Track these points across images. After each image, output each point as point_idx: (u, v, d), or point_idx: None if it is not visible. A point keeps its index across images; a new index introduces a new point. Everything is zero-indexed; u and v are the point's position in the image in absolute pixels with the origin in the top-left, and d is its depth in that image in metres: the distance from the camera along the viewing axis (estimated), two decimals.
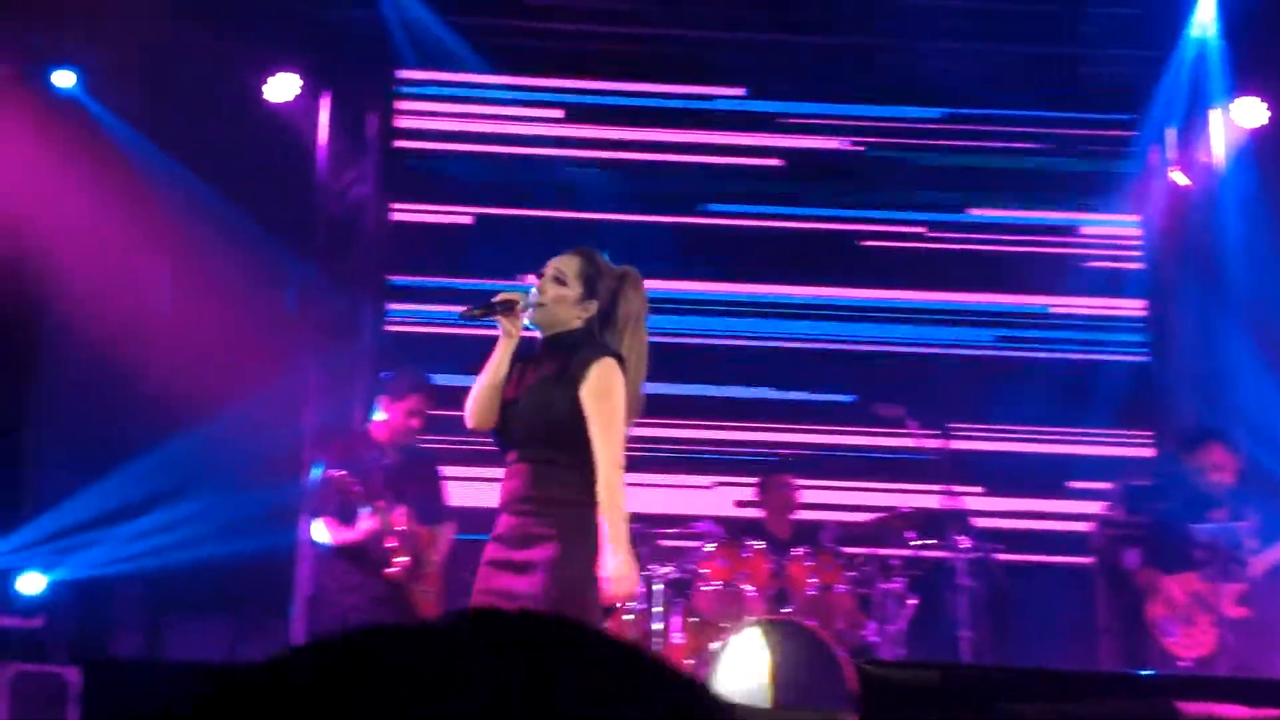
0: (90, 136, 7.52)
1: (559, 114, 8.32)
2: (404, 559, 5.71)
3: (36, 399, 7.29)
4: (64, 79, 7.55)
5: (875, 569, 6.34)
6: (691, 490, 7.87)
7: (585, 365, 3.79)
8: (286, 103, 7.82)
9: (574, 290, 3.90)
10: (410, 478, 5.92)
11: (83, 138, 7.47)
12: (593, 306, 3.92)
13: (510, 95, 8.21)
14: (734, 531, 6.84)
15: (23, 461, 7.24)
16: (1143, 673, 5.58)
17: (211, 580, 6.83)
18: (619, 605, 3.88)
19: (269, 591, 6.61)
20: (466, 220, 8.23)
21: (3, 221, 6.77)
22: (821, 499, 7.58)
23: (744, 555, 6.35)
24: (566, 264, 3.92)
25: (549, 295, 3.89)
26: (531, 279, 3.95)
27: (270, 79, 7.73)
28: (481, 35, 8.08)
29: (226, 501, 6.83)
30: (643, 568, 6.41)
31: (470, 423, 3.88)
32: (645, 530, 6.72)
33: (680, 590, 6.43)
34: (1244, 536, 5.65)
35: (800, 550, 6.38)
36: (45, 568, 6.87)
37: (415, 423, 5.94)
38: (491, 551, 3.80)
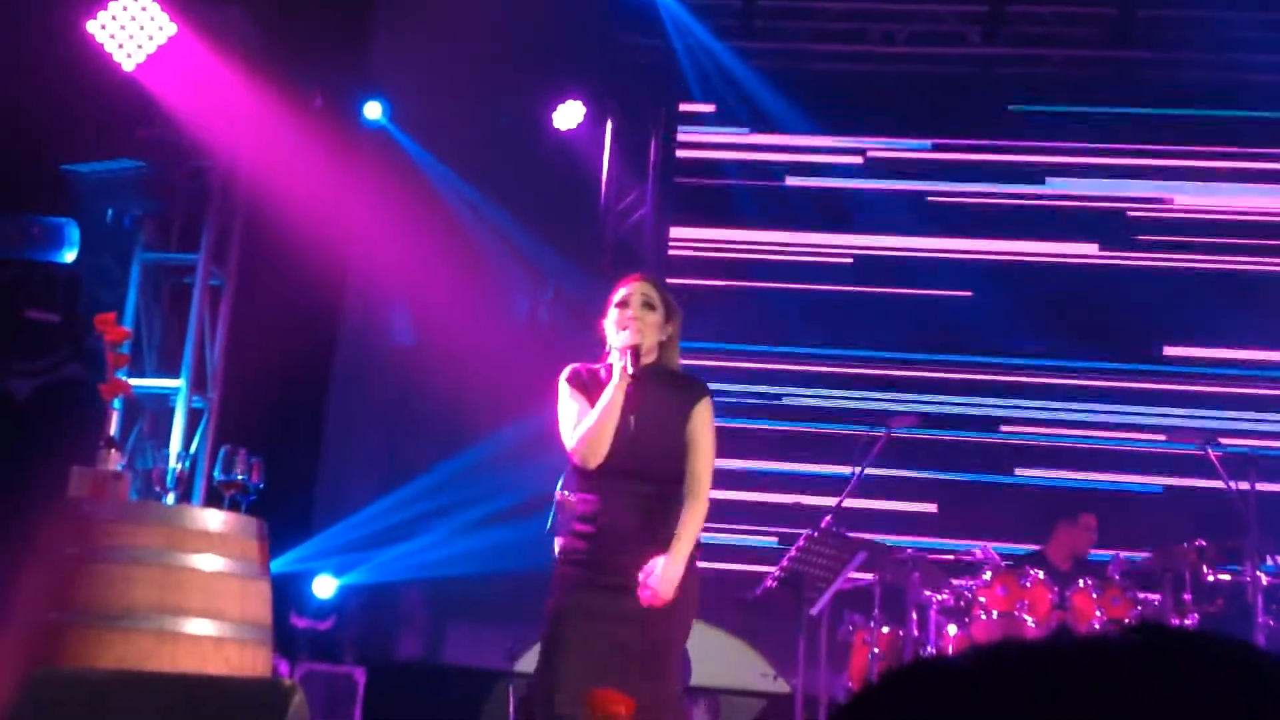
0: (396, 164, 7.99)
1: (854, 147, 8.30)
2: None
3: (333, 415, 7.75)
4: (373, 110, 8.05)
5: (1168, 604, 6.02)
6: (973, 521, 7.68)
7: (696, 400, 3.88)
8: (572, 130, 8.11)
9: (660, 314, 3.91)
10: None
11: (389, 165, 7.95)
12: (670, 329, 3.94)
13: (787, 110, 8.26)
14: (1017, 559, 6.64)
15: (319, 473, 7.69)
16: None
17: (489, 590, 7.07)
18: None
19: (544, 602, 6.80)
20: (742, 250, 8.31)
21: (312, 244, 7.26)
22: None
23: (1024, 584, 6.16)
24: (650, 289, 3.94)
25: (647, 321, 3.88)
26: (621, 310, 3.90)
27: (559, 106, 8.04)
28: (767, 59, 8.16)
29: (507, 512, 7.06)
30: (918, 594, 6.30)
31: (591, 461, 3.80)
32: (918, 555, 6.60)
33: (955, 618, 6.28)
34: None
35: (1086, 581, 6.14)
36: (337, 572, 7.23)
37: None
38: (591, 575, 3.80)
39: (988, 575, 6.21)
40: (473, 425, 7.38)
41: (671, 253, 8.45)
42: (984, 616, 6.13)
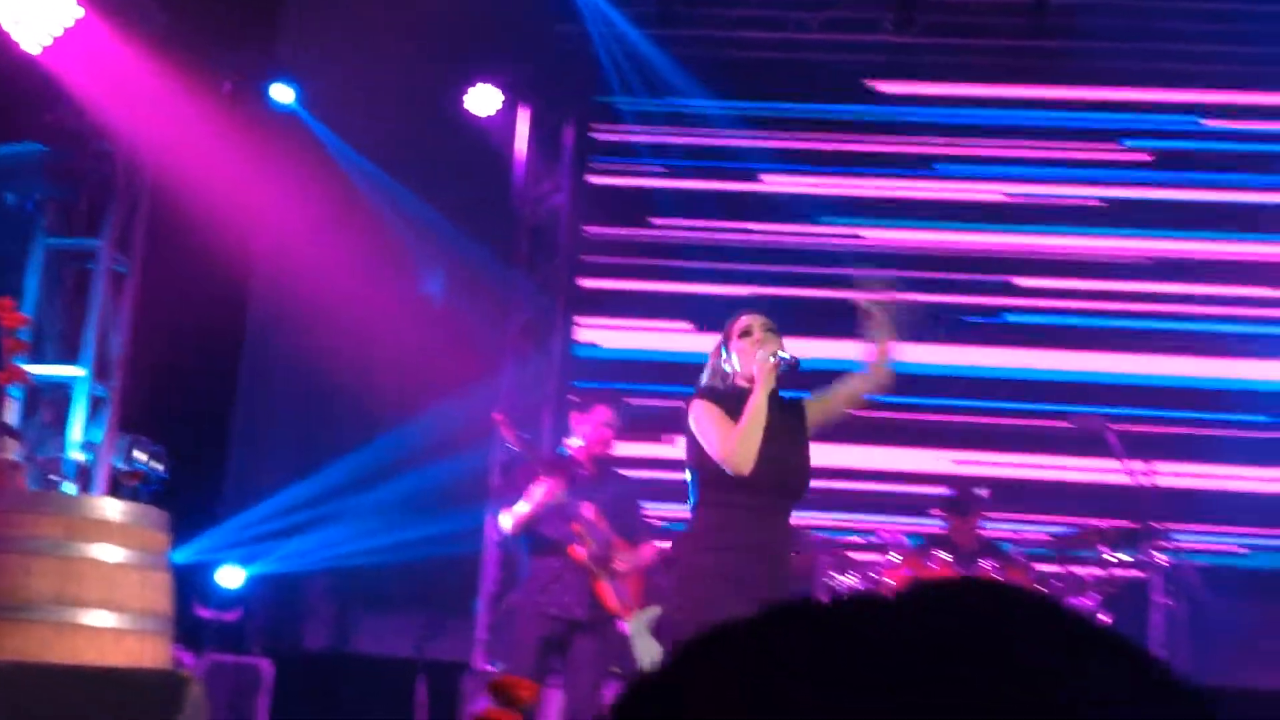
0: (305, 148, 7.91)
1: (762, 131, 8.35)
2: (586, 549, 5.78)
3: (241, 404, 7.67)
4: (283, 94, 7.94)
5: (1068, 585, 6.16)
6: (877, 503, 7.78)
7: (801, 412, 4.25)
8: (488, 116, 8.07)
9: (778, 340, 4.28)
10: (606, 489, 5.97)
11: (298, 150, 7.87)
12: None
13: (713, 111, 8.28)
14: (919, 542, 6.74)
15: (226, 462, 7.60)
16: None
17: (400, 578, 7.05)
18: None
19: (455, 590, 6.81)
20: (659, 231, 8.33)
21: (219, 229, 7.16)
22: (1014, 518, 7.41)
23: (929, 566, 6.26)
24: (766, 319, 4.32)
25: (776, 344, 4.23)
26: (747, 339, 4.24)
27: (471, 90, 7.99)
28: (684, 46, 8.17)
29: (418, 501, 7.04)
30: (825, 576, 6.39)
31: (745, 467, 4.02)
32: (829, 540, 6.69)
33: None
34: None
35: (989, 563, 6.25)
36: (244, 562, 7.16)
37: (608, 434, 6.00)
38: (746, 593, 3.90)
39: (894, 557, 6.30)
40: (384, 415, 7.34)
41: (586, 241, 8.45)
42: None
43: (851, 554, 6.58)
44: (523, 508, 5.71)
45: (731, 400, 4.17)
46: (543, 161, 8.40)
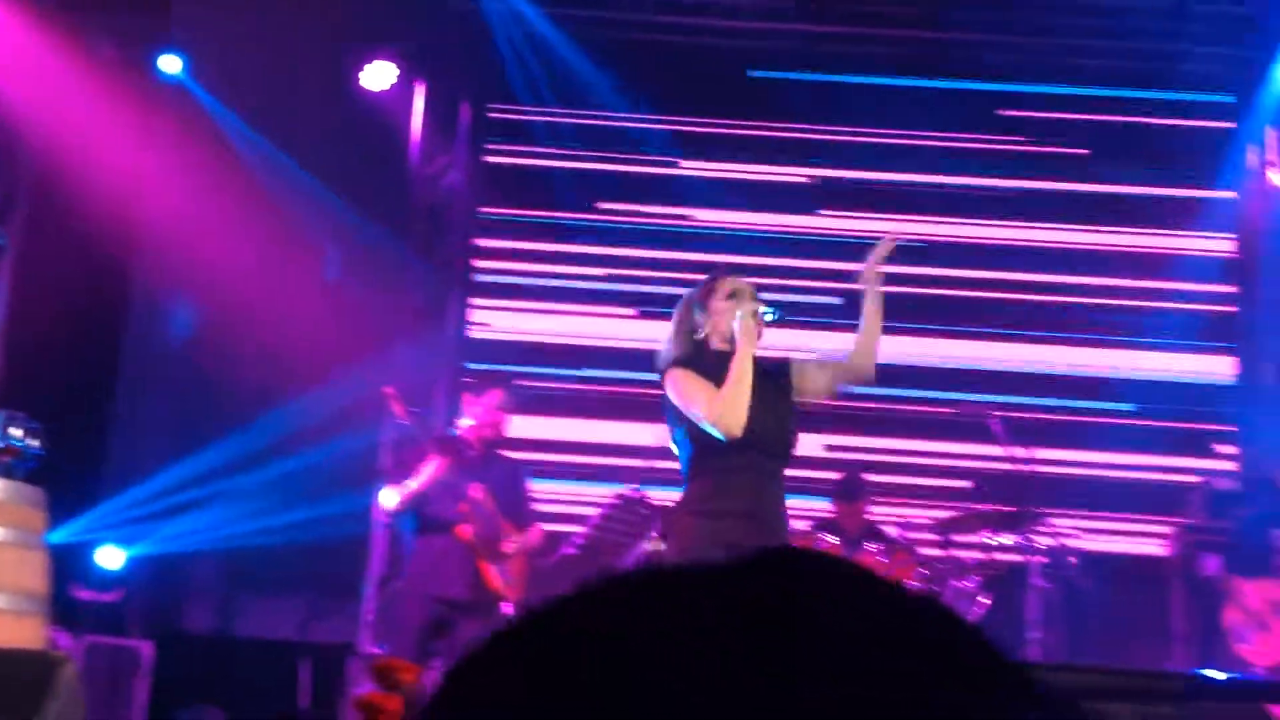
0: (193, 121, 7.74)
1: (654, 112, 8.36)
2: (474, 529, 5.75)
3: (124, 381, 7.50)
4: (170, 64, 7.76)
5: (950, 567, 6.29)
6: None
7: (788, 376, 4.19)
8: (384, 91, 7.96)
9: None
10: (493, 471, 5.95)
11: (186, 122, 7.69)
12: None
13: (610, 93, 8.27)
14: (806, 526, 6.82)
15: (106, 437, 7.43)
16: (1230, 676, 5.46)
17: (285, 560, 6.96)
18: None
19: (341, 573, 6.74)
20: (554, 213, 8.31)
21: (102, 201, 6.99)
22: (901, 501, 7.53)
23: (817, 549, 6.35)
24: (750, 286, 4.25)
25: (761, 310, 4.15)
26: (728, 300, 4.16)
27: (367, 66, 7.88)
28: (583, 26, 8.14)
29: (305, 482, 6.95)
30: None
31: (735, 428, 3.96)
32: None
33: None
34: None
35: (874, 545, 6.36)
36: (124, 542, 7.01)
37: (500, 416, 5.98)
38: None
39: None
40: (272, 393, 7.23)
41: (482, 221, 8.40)
42: None
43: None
44: (409, 485, 5.68)
45: (708, 364, 4.09)
46: (439, 140, 8.32)
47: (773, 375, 4.16)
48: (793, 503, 4.16)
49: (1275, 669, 5.73)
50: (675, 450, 4.15)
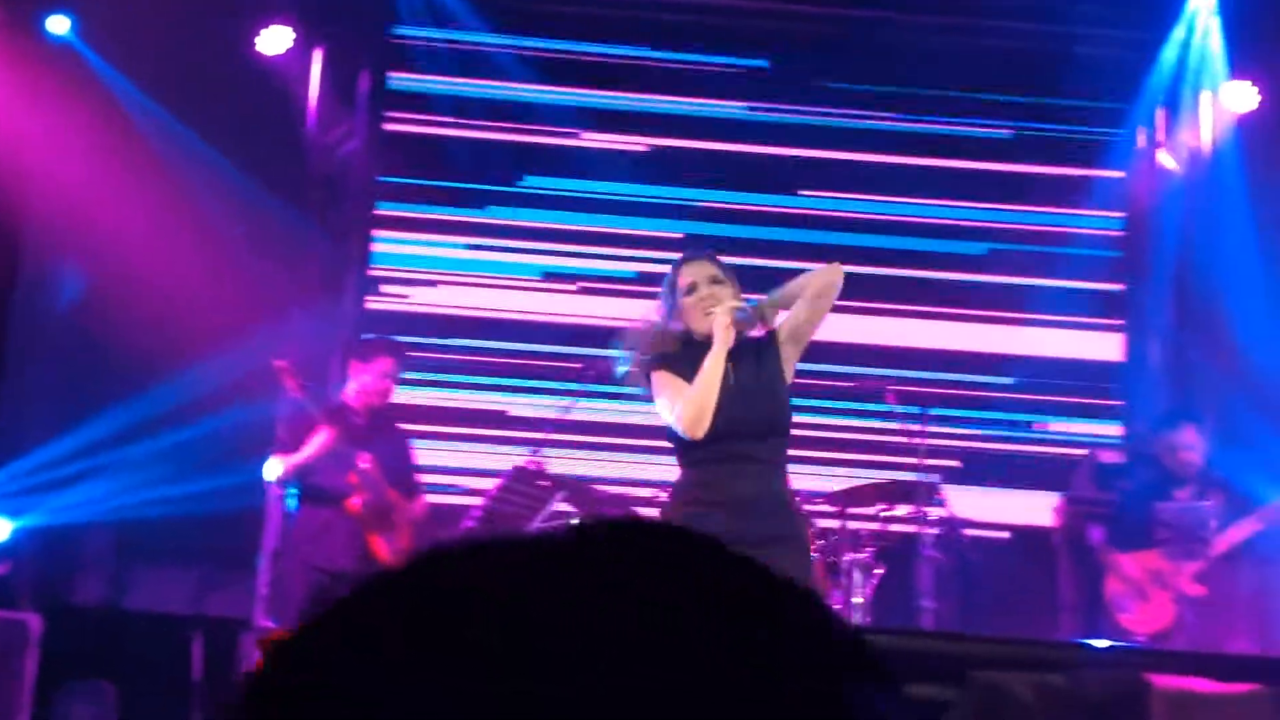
0: (82, 83, 7.53)
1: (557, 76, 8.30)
2: (363, 499, 5.71)
3: (11, 349, 7.30)
4: (58, 24, 7.54)
5: (845, 538, 6.38)
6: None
7: (775, 351, 4.18)
8: (279, 55, 7.81)
9: (729, 285, 4.19)
10: (381, 437, 5.92)
11: (75, 84, 7.48)
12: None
13: (507, 54, 8.20)
14: None
15: None
16: (1113, 645, 5.63)
17: (178, 532, 6.85)
18: None
19: (235, 545, 6.65)
20: (455, 182, 8.23)
21: None
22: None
23: None
24: (711, 266, 4.20)
25: (724, 296, 4.13)
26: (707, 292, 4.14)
27: (263, 30, 7.72)
28: None
29: (198, 453, 6.84)
30: None
31: (697, 431, 4.00)
32: (620, 494, 6.78)
33: None
34: (1208, 516, 5.70)
35: None
36: (11, 514, 6.85)
37: (390, 385, 5.93)
38: None
39: None
40: (164, 362, 7.08)
41: (380, 189, 8.29)
42: None
43: (639, 509, 6.67)
44: (296, 457, 5.63)
45: (689, 357, 4.12)
46: (337, 107, 8.18)
47: (756, 353, 4.18)
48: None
49: (1154, 637, 5.92)
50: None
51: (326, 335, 7.67)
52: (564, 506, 6.13)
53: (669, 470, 7.38)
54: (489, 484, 6.52)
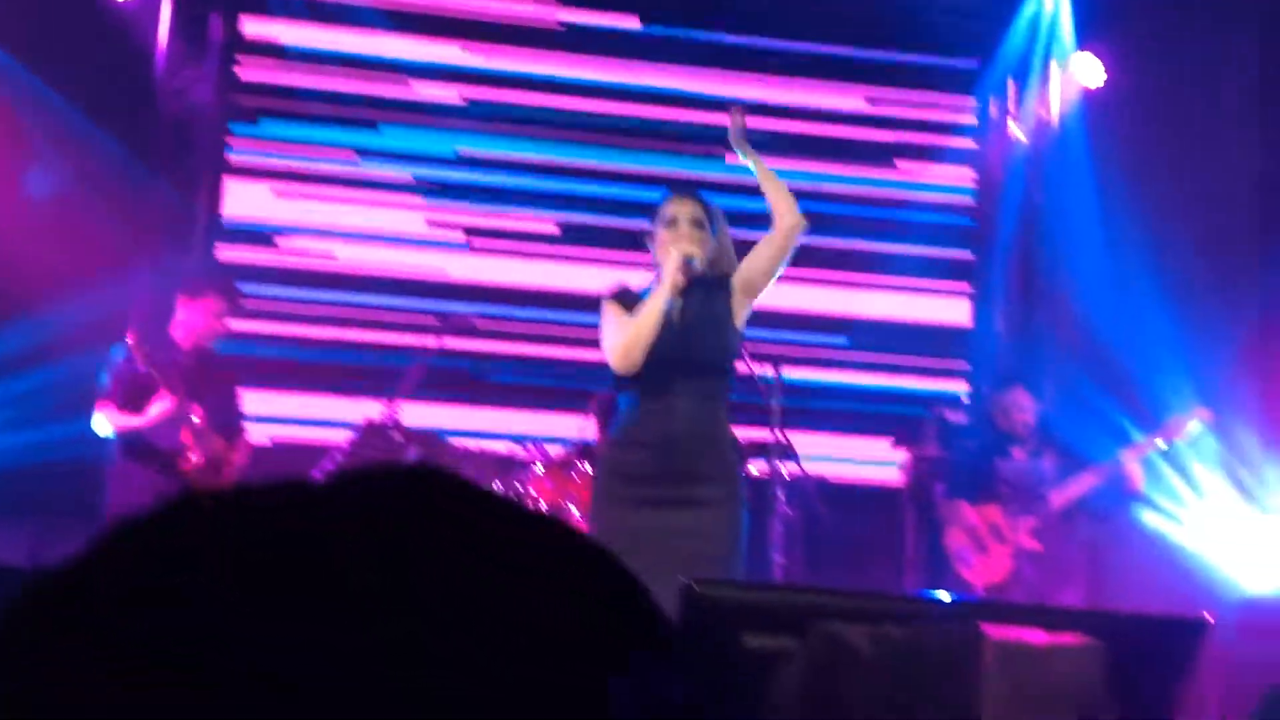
0: None
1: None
2: (197, 457, 5.60)
3: None
4: None
5: None
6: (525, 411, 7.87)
7: (727, 294, 4.20)
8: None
9: (708, 232, 4.22)
10: (208, 382, 5.79)
11: None
12: (723, 240, 4.31)
13: (366, 10, 8.03)
14: (566, 453, 6.88)
15: None
16: (951, 597, 5.79)
17: (14, 483, 6.63)
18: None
19: (74, 497, 6.46)
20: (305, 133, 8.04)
21: None
22: None
23: (572, 477, 6.39)
24: (698, 207, 4.22)
25: (697, 239, 4.16)
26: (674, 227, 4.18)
27: None
28: None
29: (36, 404, 6.63)
30: None
31: (626, 367, 4.03)
32: (472, 450, 6.74)
33: None
34: (1044, 474, 5.90)
35: None
36: None
37: (219, 324, 5.79)
38: (638, 489, 3.97)
39: (539, 469, 6.41)
40: (17, 303, 6.83)
41: (231, 139, 8.05)
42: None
43: (499, 466, 6.65)
44: (134, 420, 5.49)
45: (647, 296, 4.16)
46: (187, 53, 7.92)
47: (708, 292, 4.19)
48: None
49: (992, 590, 6.12)
50: None
51: (174, 287, 7.45)
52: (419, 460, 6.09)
53: (528, 424, 7.47)
54: (345, 437, 6.45)
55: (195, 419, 5.56)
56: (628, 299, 4.19)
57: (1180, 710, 2.85)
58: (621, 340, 4.04)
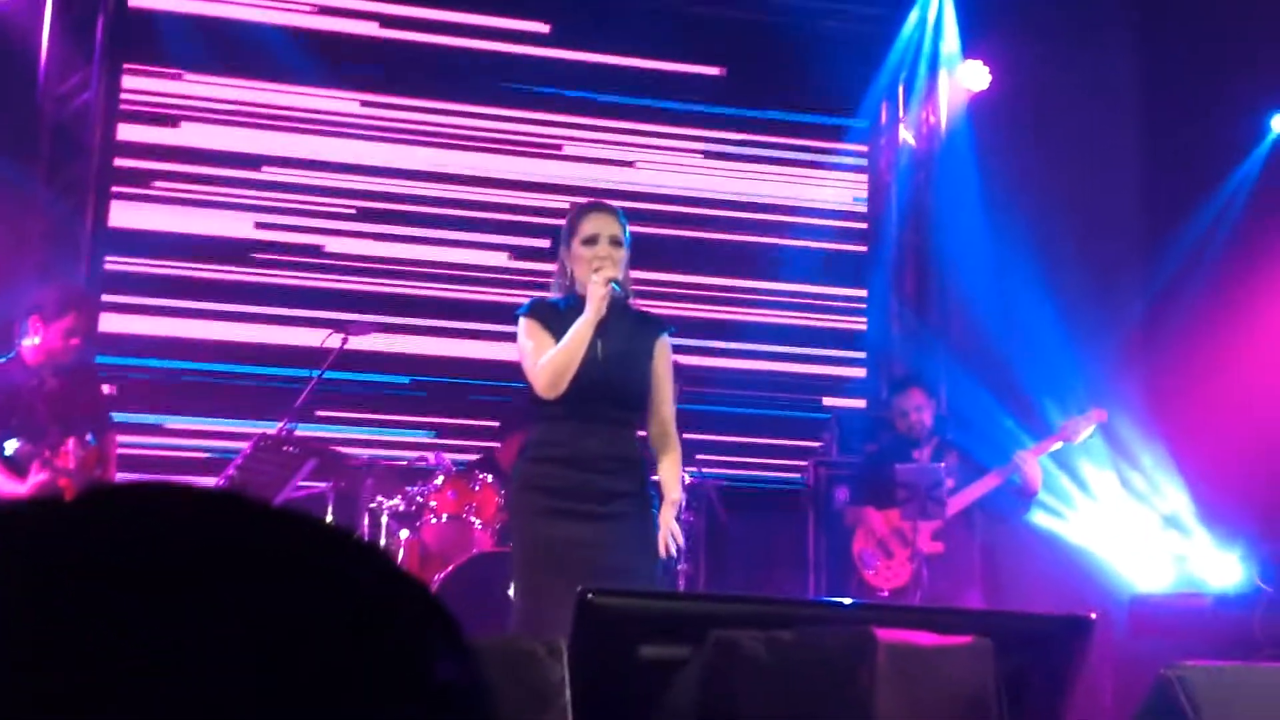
0: None
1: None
2: (73, 486, 5.44)
3: None
4: None
5: None
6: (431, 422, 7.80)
7: (657, 336, 4.22)
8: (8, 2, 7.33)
9: (625, 251, 4.19)
10: (73, 399, 5.61)
11: None
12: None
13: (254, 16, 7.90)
14: (467, 464, 6.83)
15: None
16: (846, 602, 5.83)
17: None
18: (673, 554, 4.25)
19: None
20: (195, 137, 7.87)
21: None
22: None
23: (474, 488, 6.35)
24: (618, 227, 4.16)
25: (616, 259, 4.12)
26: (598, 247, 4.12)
27: None
28: None
29: None
30: (371, 500, 6.36)
31: (553, 392, 4.04)
32: (374, 461, 6.66)
33: (407, 522, 6.40)
34: (943, 477, 5.96)
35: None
36: None
37: (75, 342, 5.59)
38: (556, 503, 4.02)
39: (439, 480, 6.37)
40: None
41: (118, 143, 7.84)
42: (434, 520, 6.29)
43: (399, 478, 6.59)
44: (16, 489, 5.28)
45: (566, 311, 4.14)
46: (71, 55, 7.71)
47: (632, 326, 4.20)
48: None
49: (896, 593, 6.17)
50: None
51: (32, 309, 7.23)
52: (314, 475, 6.00)
53: (422, 435, 7.41)
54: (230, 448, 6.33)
55: (70, 465, 5.37)
56: (544, 313, 4.18)
57: (1071, 704, 2.89)
58: (550, 366, 4.04)
